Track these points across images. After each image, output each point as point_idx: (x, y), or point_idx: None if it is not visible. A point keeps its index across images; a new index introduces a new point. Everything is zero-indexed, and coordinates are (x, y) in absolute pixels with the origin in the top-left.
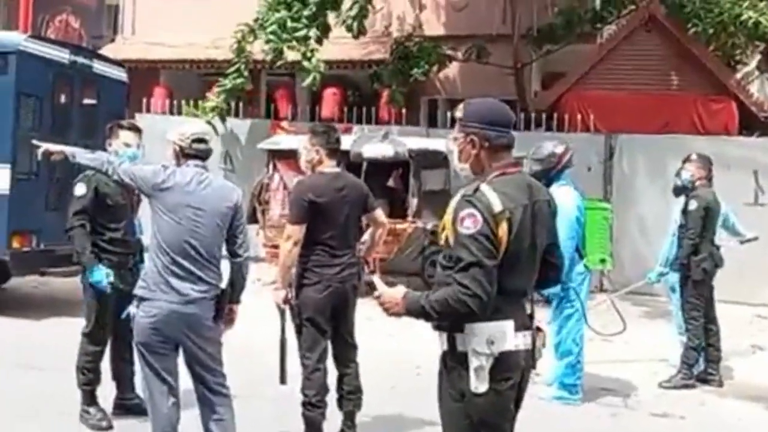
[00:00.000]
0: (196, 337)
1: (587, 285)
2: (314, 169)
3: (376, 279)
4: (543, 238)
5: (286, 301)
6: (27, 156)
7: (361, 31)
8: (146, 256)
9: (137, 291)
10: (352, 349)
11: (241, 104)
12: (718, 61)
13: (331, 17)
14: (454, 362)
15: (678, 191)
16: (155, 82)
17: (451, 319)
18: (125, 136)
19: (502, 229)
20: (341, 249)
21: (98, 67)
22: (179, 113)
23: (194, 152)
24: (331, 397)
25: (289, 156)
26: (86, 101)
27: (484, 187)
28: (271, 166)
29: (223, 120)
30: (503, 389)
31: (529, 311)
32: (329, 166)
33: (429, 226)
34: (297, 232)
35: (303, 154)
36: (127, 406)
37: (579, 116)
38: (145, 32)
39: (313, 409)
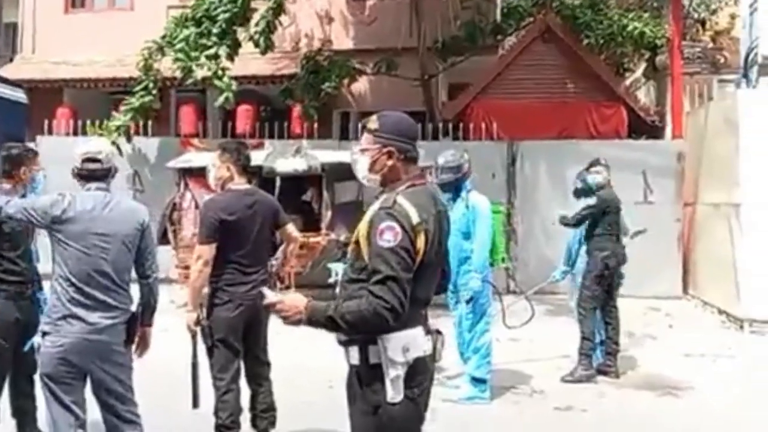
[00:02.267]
0: (107, 366)
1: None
2: (224, 187)
3: (266, 290)
4: (444, 246)
5: (197, 323)
6: None
7: (268, 47)
8: (45, 285)
9: (43, 327)
10: (266, 366)
11: (150, 123)
12: (609, 69)
13: (240, 33)
14: (367, 375)
15: (580, 193)
16: (58, 103)
17: (361, 332)
18: (38, 161)
19: (420, 241)
20: (253, 266)
21: None
22: (84, 133)
23: (86, 172)
24: (245, 417)
25: (201, 174)
26: None
27: (401, 200)
28: (182, 185)
29: (128, 139)
30: (416, 396)
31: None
32: (239, 183)
33: (342, 238)
34: (207, 251)
35: (212, 171)
36: None
37: (483, 125)
38: (46, 51)
39: (227, 431)
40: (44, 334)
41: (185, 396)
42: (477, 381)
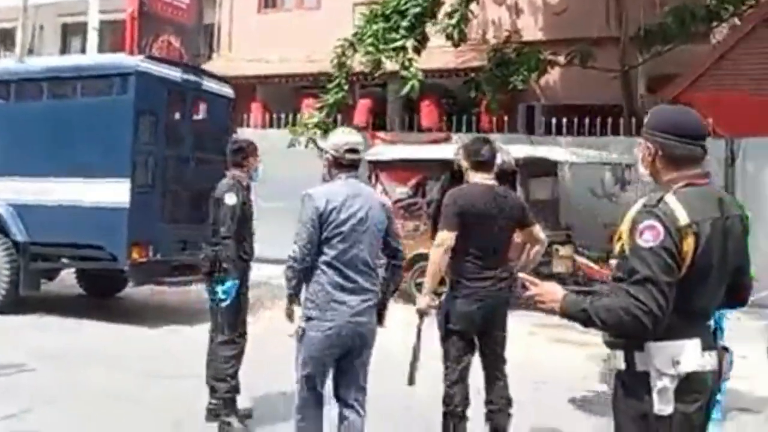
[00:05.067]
0: (365, 349)
1: None
2: (467, 180)
3: (525, 275)
4: (734, 256)
5: (429, 307)
6: (144, 170)
7: (462, 39)
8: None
9: (305, 311)
10: (502, 362)
11: (339, 118)
12: None
13: (430, 27)
14: (633, 382)
15: None
16: (251, 98)
17: (618, 332)
18: (258, 153)
19: (687, 244)
20: (492, 261)
21: (207, 84)
22: (271, 126)
23: (348, 162)
24: (478, 411)
25: (392, 166)
26: (196, 117)
27: (669, 198)
28: (374, 177)
29: (325, 135)
30: (690, 411)
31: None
32: (480, 178)
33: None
34: (448, 239)
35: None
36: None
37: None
38: (241, 49)
39: (456, 420)
40: (308, 318)
41: (401, 374)
42: None
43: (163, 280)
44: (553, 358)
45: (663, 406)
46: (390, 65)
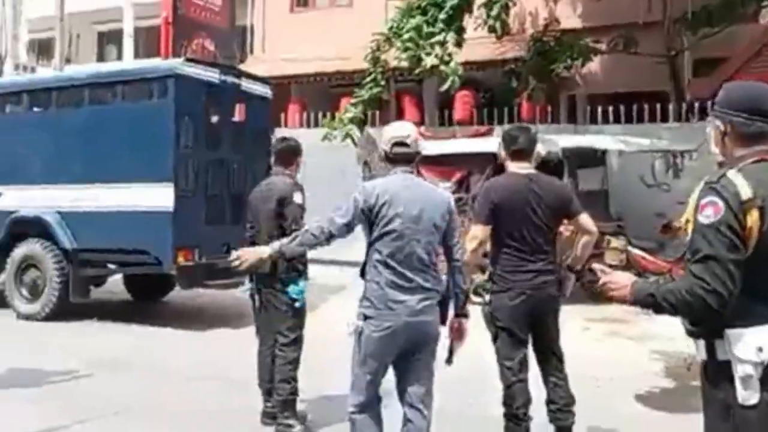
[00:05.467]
0: (423, 349)
1: None
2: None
3: (597, 265)
4: None
5: None
6: (186, 173)
7: (505, 31)
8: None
9: (363, 310)
10: (557, 360)
11: (377, 113)
12: None
13: (469, 19)
14: (715, 373)
15: None
16: (286, 97)
17: (686, 316)
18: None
19: (752, 218)
20: (533, 254)
21: (245, 84)
22: (308, 125)
23: (395, 156)
24: (539, 411)
25: (434, 161)
26: (235, 118)
27: (731, 173)
28: (415, 173)
29: (361, 129)
30: None
31: None
32: (517, 167)
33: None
34: (481, 231)
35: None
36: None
37: None
38: (275, 49)
39: (518, 422)
40: (366, 317)
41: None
42: None
43: (208, 282)
44: (611, 354)
45: (747, 395)
46: (430, 60)
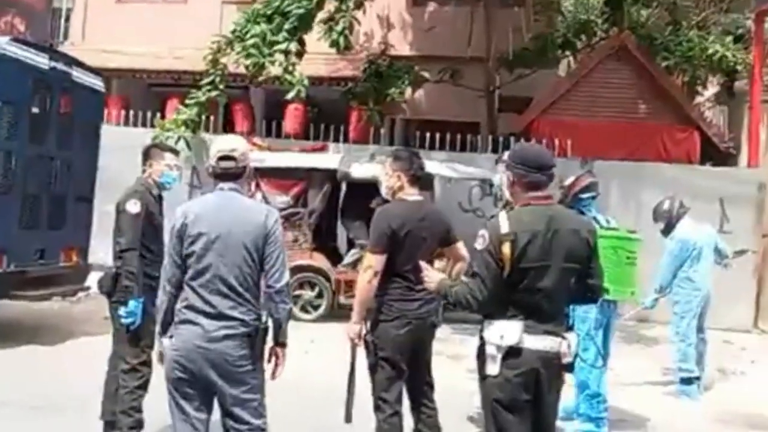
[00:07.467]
0: (227, 380)
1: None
2: (395, 196)
3: (424, 264)
4: (564, 261)
5: (360, 336)
6: (1, 168)
7: (347, 47)
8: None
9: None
10: (430, 389)
11: (212, 117)
12: (682, 92)
13: (312, 32)
14: (479, 349)
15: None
16: (107, 93)
17: (463, 308)
18: (169, 158)
19: (506, 249)
20: (418, 283)
21: (76, 74)
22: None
23: (220, 171)
24: None
25: (274, 174)
26: (63, 110)
27: (501, 214)
28: (253, 185)
29: (194, 134)
30: (511, 377)
31: (562, 323)
32: (412, 194)
33: None
34: (377, 262)
35: (384, 181)
36: None
37: (556, 141)
38: (95, 39)
39: None
40: (170, 336)
41: (337, 410)
42: (591, 418)
43: (17, 293)
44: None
45: (492, 368)
46: (274, 69)
